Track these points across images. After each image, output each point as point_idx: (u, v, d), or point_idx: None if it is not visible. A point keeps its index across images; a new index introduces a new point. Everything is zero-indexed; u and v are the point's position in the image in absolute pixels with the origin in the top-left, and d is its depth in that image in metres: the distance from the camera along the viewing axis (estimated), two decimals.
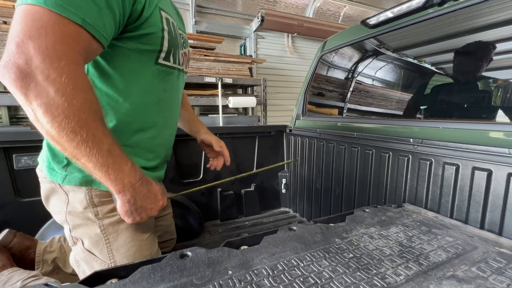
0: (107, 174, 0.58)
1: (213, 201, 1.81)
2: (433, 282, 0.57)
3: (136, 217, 0.67)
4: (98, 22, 0.56)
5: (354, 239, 0.75)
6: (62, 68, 0.50)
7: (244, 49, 4.33)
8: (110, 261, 0.77)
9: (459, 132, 0.97)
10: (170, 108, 0.87)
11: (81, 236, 0.78)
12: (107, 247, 0.77)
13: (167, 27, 0.73)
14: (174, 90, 0.86)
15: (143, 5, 0.64)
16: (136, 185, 0.63)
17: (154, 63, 0.73)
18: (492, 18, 0.96)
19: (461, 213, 0.93)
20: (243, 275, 0.58)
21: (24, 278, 0.90)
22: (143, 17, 0.65)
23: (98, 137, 0.55)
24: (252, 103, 3.43)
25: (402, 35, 1.34)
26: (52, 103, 0.49)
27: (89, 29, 0.54)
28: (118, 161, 0.59)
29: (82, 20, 0.53)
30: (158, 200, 0.70)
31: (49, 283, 0.55)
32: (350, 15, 5.01)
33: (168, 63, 0.77)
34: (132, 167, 0.62)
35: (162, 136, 0.86)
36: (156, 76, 0.76)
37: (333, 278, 0.58)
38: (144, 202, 0.67)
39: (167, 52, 0.75)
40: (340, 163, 1.50)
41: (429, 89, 1.27)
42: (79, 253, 0.79)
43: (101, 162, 0.56)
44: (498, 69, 1.00)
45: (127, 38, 0.66)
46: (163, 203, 0.72)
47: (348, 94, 1.69)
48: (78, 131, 0.52)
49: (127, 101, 0.73)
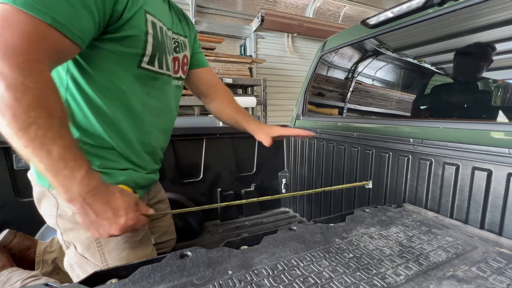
0: (56, 179, 0.54)
1: (213, 201, 1.81)
2: (433, 282, 0.57)
3: (94, 232, 0.60)
4: (73, 22, 0.55)
5: (354, 239, 0.74)
6: (17, 65, 0.49)
7: (244, 49, 4.33)
8: (102, 264, 0.76)
9: (459, 132, 0.97)
10: (157, 112, 0.84)
11: (73, 240, 0.77)
12: (99, 250, 0.76)
13: (152, 30, 0.71)
14: (162, 95, 0.84)
15: (124, 6, 0.63)
16: (86, 195, 0.56)
17: (137, 66, 0.71)
18: (492, 18, 0.96)
19: (461, 213, 0.93)
20: (243, 275, 0.58)
21: (24, 278, 0.90)
22: (124, 18, 0.64)
23: (49, 138, 0.52)
24: (252, 103, 3.43)
25: (402, 35, 1.34)
26: (2, 100, 0.48)
27: (60, 29, 0.53)
28: (70, 166, 0.54)
29: (52, 20, 0.52)
30: (118, 217, 0.59)
31: (49, 283, 0.55)
32: (350, 15, 5.01)
33: (152, 67, 0.75)
34: (87, 174, 0.56)
35: (143, 139, 0.82)
36: (138, 80, 0.73)
37: (333, 278, 0.58)
38: (99, 217, 0.58)
39: (151, 57, 0.73)
40: (340, 163, 1.50)
41: (429, 89, 1.27)
42: (72, 257, 0.78)
43: (50, 165, 0.52)
44: (498, 69, 1.00)
45: (108, 39, 0.65)
46: (126, 221, 0.60)
47: (348, 94, 1.69)
48: (25, 130, 0.50)
49: (107, 103, 0.71)
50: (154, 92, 0.80)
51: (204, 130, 1.74)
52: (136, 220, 0.62)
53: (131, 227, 0.61)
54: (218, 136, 1.75)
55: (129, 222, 0.60)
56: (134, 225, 0.62)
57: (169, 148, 1.60)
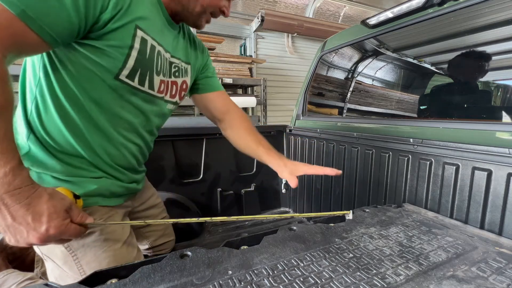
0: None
1: (213, 201, 1.81)
2: (433, 282, 0.57)
3: (11, 238, 0.53)
4: (43, 18, 0.53)
5: (354, 239, 0.75)
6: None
7: (244, 49, 4.33)
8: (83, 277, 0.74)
9: (459, 132, 0.97)
10: (131, 128, 0.81)
11: (49, 254, 0.74)
12: (76, 263, 0.73)
13: (139, 46, 0.70)
14: (140, 113, 0.81)
15: (111, 16, 0.62)
16: (5, 195, 0.50)
17: (114, 77, 0.69)
18: (492, 18, 0.96)
19: (461, 213, 0.93)
20: (243, 275, 0.58)
21: (20, 281, 0.90)
22: (108, 27, 0.63)
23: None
24: (252, 103, 3.43)
25: (402, 35, 1.34)
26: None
27: (27, 21, 0.52)
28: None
29: (21, 11, 0.51)
30: (39, 224, 0.52)
31: (49, 283, 0.55)
32: (350, 15, 5.01)
33: (131, 82, 0.73)
34: (12, 171, 0.50)
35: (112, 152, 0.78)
36: (113, 92, 0.72)
37: (333, 278, 0.58)
38: (15, 221, 0.51)
39: (132, 71, 0.71)
40: (340, 163, 1.50)
41: (429, 89, 1.27)
42: (53, 269, 0.76)
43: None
44: (498, 69, 1.00)
45: (89, 44, 0.64)
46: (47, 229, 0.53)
47: (348, 94, 1.69)
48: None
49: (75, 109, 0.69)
50: (129, 107, 0.77)
51: (204, 130, 1.74)
52: (61, 229, 0.55)
53: (54, 236, 0.54)
54: (218, 136, 1.75)
55: (51, 231, 0.53)
56: (59, 234, 0.55)
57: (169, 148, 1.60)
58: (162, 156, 1.61)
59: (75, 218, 0.59)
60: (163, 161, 1.62)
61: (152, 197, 1.10)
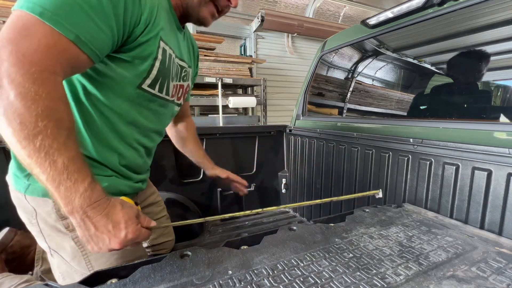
0: (58, 191, 0.52)
1: (213, 201, 1.81)
2: (433, 282, 0.57)
3: (94, 247, 0.57)
4: (94, 40, 0.56)
5: (354, 239, 0.75)
6: (31, 74, 0.49)
7: (244, 49, 4.33)
8: (90, 272, 0.73)
9: (459, 132, 0.97)
10: (144, 132, 0.84)
11: (57, 249, 0.75)
12: (85, 258, 0.74)
13: (161, 56, 0.72)
14: (154, 117, 0.84)
15: (142, 31, 0.65)
16: (87, 208, 0.54)
17: (137, 87, 0.72)
18: (492, 18, 0.97)
19: (461, 213, 0.93)
20: (243, 275, 0.58)
21: (16, 284, 0.89)
22: (138, 41, 0.65)
23: (54, 148, 0.51)
24: (252, 103, 3.43)
25: (402, 35, 1.34)
26: (10, 107, 0.48)
27: (81, 46, 0.55)
28: (74, 178, 0.53)
29: (76, 37, 0.53)
30: (119, 230, 0.57)
31: (49, 283, 0.55)
32: (350, 15, 5.01)
33: (152, 90, 0.76)
34: (90, 186, 0.55)
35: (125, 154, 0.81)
36: (133, 99, 0.74)
37: (333, 278, 0.58)
38: (98, 231, 0.56)
39: (154, 80, 0.74)
40: (340, 163, 1.50)
41: (429, 89, 1.28)
42: (60, 265, 0.77)
43: (53, 176, 0.51)
44: (498, 69, 1.00)
45: (117, 57, 0.66)
46: (126, 234, 0.58)
47: (348, 94, 1.69)
48: (31, 139, 0.49)
49: (97, 113, 0.71)
50: (146, 113, 0.80)
51: (204, 130, 1.74)
52: (137, 233, 0.60)
53: (131, 240, 0.59)
54: (218, 136, 1.75)
55: (129, 236, 0.58)
56: (135, 238, 0.60)
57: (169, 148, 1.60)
58: (162, 156, 1.61)
59: (143, 223, 0.64)
60: (163, 161, 1.62)
61: (152, 195, 1.11)
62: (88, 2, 0.54)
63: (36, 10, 0.50)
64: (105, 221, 0.56)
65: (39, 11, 0.50)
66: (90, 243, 0.57)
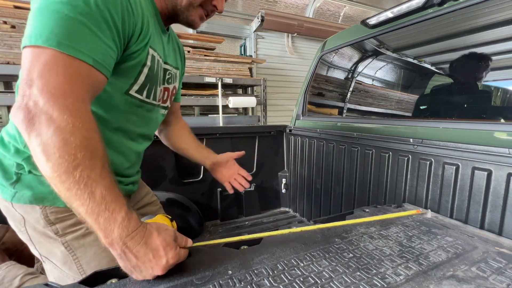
0: (97, 222, 0.52)
1: (213, 201, 1.81)
2: (433, 282, 0.57)
3: (138, 276, 0.57)
4: (106, 59, 0.58)
5: (354, 239, 0.75)
6: (66, 107, 0.50)
7: (244, 49, 4.33)
8: (82, 276, 0.73)
9: (459, 132, 0.97)
10: (132, 137, 0.84)
11: (48, 255, 0.75)
12: (76, 263, 0.74)
13: (150, 63, 0.73)
14: (142, 122, 0.84)
15: (135, 41, 0.66)
16: (126, 239, 0.53)
17: (124, 92, 0.72)
18: (492, 18, 0.97)
19: (461, 213, 0.93)
20: (243, 275, 0.58)
21: (22, 275, 0.90)
22: (131, 50, 0.66)
23: (92, 179, 0.51)
24: (252, 103, 3.43)
25: (402, 35, 1.34)
26: (49, 142, 0.48)
27: (99, 68, 0.56)
28: (111, 208, 0.52)
29: (94, 61, 0.54)
30: (159, 258, 0.56)
31: (49, 283, 0.55)
32: (350, 15, 5.01)
33: (139, 96, 0.76)
34: (127, 216, 0.54)
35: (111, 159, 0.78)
36: (120, 105, 0.74)
37: (333, 278, 0.58)
38: (139, 260, 0.55)
39: (141, 86, 0.74)
40: (340, 163, 1.50)
41: (429, 89, 1.27)
42: (53, 271, 0.76)
43: (92, 208, 0.51)
44: (498, 69, 1.00)
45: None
46: (167, 260, 0.57)
47: (348, 94, 1.69)
48: (71, 172, 0.49)
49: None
50: (135, 119, 0.80)
51: (204, 130, 1.74)
52: (176, 257, 0.59)
53: (173, 264, 0.59)
54: (218, 136, 1.75)
55: (170, 261, 0.57)
56: (176, 262, 0.59)
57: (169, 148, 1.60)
58: (162, 156, 1.61)
59: (181, 243, 0.63)
60: (163, 161, 1.62)
61: (147, 195, 1.11)
62: (93, 22, 0.54)
63: (52, 43, 0.50)
64: (144, 250, 0.55)
65: (55, 42, 0.50)
66: (133, 273, 0.57)
